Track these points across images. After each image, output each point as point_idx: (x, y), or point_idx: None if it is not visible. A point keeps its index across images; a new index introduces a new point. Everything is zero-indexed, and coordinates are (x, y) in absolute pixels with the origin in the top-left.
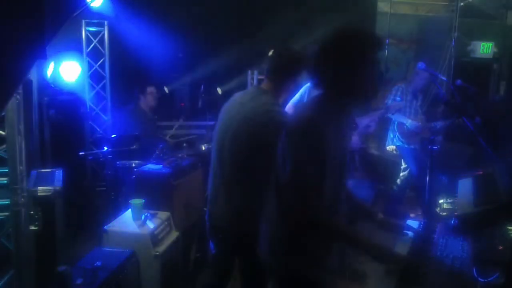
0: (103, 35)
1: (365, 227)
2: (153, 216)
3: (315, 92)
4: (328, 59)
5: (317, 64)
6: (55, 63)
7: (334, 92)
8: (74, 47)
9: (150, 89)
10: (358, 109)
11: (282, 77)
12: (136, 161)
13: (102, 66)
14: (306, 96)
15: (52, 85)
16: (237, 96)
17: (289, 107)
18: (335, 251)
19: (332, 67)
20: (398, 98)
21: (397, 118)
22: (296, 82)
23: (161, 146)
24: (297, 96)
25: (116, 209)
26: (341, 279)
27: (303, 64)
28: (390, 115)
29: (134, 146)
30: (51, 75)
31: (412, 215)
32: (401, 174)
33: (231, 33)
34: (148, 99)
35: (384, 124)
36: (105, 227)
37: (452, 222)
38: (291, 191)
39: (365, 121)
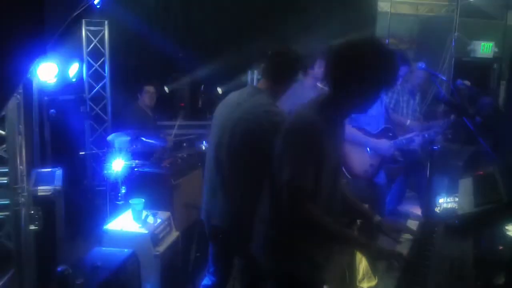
0: (103, 34)
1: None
2: (153, 216)
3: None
4: (347, 63)
5: (334, 64)
6: (54, 63)
7: (340, 95)
8: (74, 46)
9: (147, 88)
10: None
11: (279, 77)
12: (137, 161)
13: (102, 65)
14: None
15: (53, 85)
16: (234, 96)
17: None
18: (330, 251)
19: (347, 72)
20: (393, 101)
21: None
22: (293, 82)
23: (161, 146)
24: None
25: (116, 209)
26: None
27: (298, 63)
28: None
29: (134, 146)
30: (55, 75)
31: (412, 215)
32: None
33: (231, 33)
34: (144, 98)
35: None
36: (105, 227)
37: (452, 222)
38: (287, 191)
39: (410, 134)
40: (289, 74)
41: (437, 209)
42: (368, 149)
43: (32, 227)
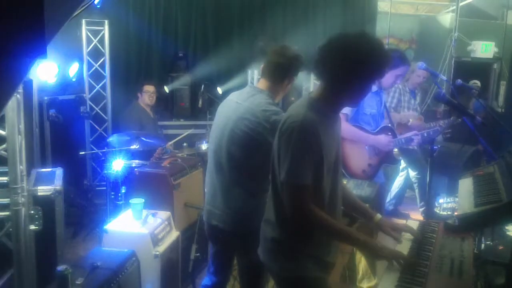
0: (103, 34)
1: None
2: (153, 215)
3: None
4: (337, 57)
5: (327, 59)
6: (54, 62)
7: (334, 90)
8: (74, 46)
9: (147, 88)
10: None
11: (279, 76)
12: (137, 161)
13: (102, 65)
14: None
15: (53, 84)
16: (233, 96)
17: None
18: (333, 250)
19: (338, 66)
20: (395, 100)
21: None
22: (292, 82)
23: (161, 145)
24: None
25: (116, 209)
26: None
27: (300, 64)
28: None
29: (134, 146)
30: (56, 75)
31: (412, 215)
32: (401, 174)
33: (232, 32)
34: (144, 97)
35: None
36: (105, 227)
37: (453, 222)
38: (286, 189)
39: (409, 133)
40: (288, 74)
41: (437, 209)
42: (366, 148)
43: (32, 227)
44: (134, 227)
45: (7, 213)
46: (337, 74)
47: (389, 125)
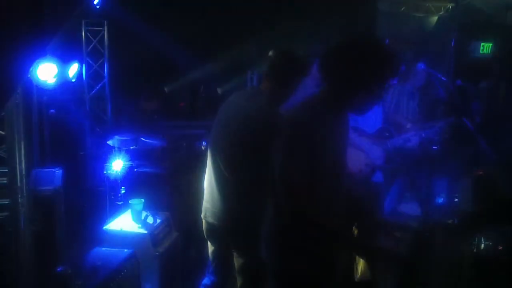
0: (103, 35)
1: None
2: (152, 216)
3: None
4: (345, 60)
5: (331, 60)
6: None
7: (336, 93)
8: (74, 46)
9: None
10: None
11: (280, 79)
12: (136, 161)
13: (101, 66)
14: None
15: (53, 85)
16: (235, 96)
17: None
18: (329, 249)
19: (345, 69)
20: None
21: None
22: (295, 85)
23: (161, 146)
24: None
25: (116, 209)
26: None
27: (303, 67)
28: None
29: (134, 146)
30: (55, 75)
31: (411, 215)
32: (402, 174)
33: (231, 33)
34: (160, 103)
35: None
36: (105, 227)
37: (452, 222)
38: (283, 188)
39: (407, 135)
40: (290, 77)
41: (437, 209)
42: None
43: (31, 227)
44: (134, 227)
45: (6, 213)
46: (345, 78)
47: (386, 125)
